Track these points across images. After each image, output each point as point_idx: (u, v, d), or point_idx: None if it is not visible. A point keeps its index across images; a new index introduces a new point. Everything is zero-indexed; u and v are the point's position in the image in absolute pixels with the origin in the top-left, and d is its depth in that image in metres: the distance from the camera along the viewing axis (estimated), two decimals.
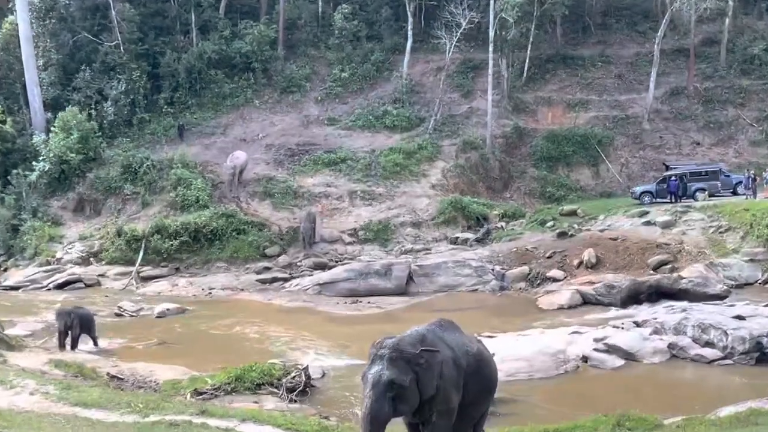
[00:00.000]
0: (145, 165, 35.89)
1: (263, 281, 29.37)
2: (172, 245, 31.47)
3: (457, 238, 32.42)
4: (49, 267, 31.73)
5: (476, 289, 27.20)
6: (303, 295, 27.25)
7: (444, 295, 26.81)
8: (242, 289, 28.60)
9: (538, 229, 31.53)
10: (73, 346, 19.09)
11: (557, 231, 29.91)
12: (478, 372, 7.49)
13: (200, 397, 14.93)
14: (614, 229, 29.45)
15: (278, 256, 31.18)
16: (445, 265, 28.14)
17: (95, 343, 19.85)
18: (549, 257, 27.86)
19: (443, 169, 36.94)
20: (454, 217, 33.62)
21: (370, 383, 6.73)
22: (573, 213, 32.68)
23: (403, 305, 25.77)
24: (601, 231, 29.39)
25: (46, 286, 29.95)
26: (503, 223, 33.38)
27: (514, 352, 17.10)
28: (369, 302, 25.78)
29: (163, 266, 31.38)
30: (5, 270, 33.33)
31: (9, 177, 36.98)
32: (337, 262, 30.30)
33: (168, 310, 24.85)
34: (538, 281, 26.95)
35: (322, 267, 29.82)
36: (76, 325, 19.16)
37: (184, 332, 22.40)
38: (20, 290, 29.63)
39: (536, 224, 32.30)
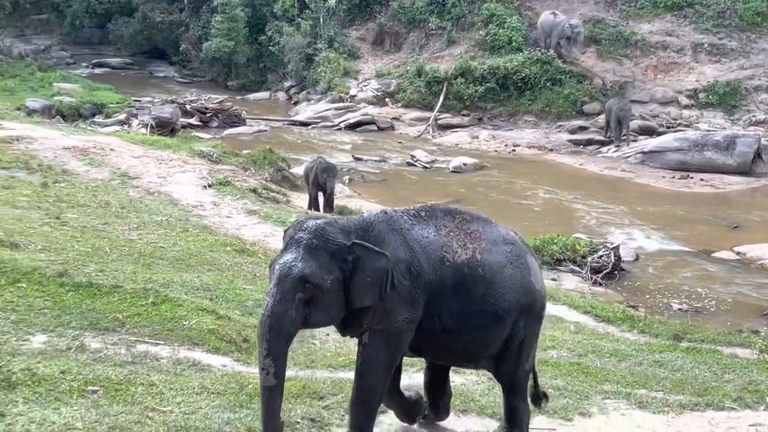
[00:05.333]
0: None
1: (576, 142, 29.26)
2: (476, 91, 31.95)
3: None
4: (341, 104, 33.44)
5: None
6: (622, 163, 26.88)
7: None
8: (551, 149, 28.70)
9: None
10: (331, 208, 18.22)
11: None
12: (463, 290, 5.90)
13: None
14: None
15: (597, 114, 30.69)
16: None
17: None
18: None
19: None
20: None
21: (276, 276, 5.41)
22: None
23: (745, 187, 24.69)
24: None
25: (337, 125, 31.72)
26: None
27: None
28: (701, 179, 24.92)
29: (463, 115, 32.05)
30: (296, 103, 35.73)
31: (307, 0, 39.00)
32: (668, 127, 29.36)
33: (465, 165, 25.58)
34: None
35: (650, 132, 29.06)
36: (332, 182, 18.46)
37: (481, 192, 23.08)
38: (310, 127, 31.66)
39: None
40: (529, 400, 6.61)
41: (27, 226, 12.41)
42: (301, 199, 19.73)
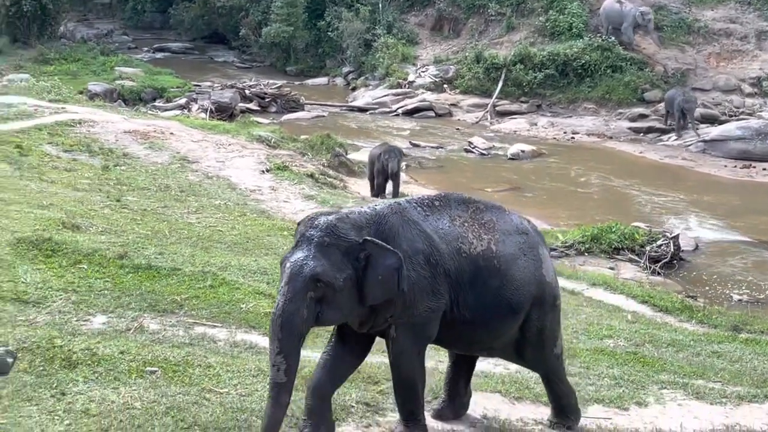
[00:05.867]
0: None
1: (636, 130, 28.88)
2: (535, 78, 31.69)
3: None
4: (399, 90, 33.34)
5: None
6: (682, 151, 26.50)
7: None
8: (610, 137, 28.41)
9: None
10: (396, 192, 18.02)
11: None
12: (479, 282, 5.85)
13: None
14: None
15: (658, 102, 30.26)
16: None
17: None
18: None
19: None
20: None
21: (287, 275, 5.33)
22: None
23: None
24: None
25: (395, 111, 31.63)
26: None
27: None
28: (764, 168, 24.45)
29: (522, 101, 31.81)
30: (354, 89, 35.76)
31: None
32: (730, 116, 28.90)
33: (522, 152, 25.45)
34: None
35: (712, 120, 28.61)
36: (394, 163, 18.34)
37: (539, 179, 22.97)
38: (367, 112, 31.66)
39: None
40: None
41: (88, 208, 12.64)
42: (358, 185, 19.79)
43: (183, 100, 29.18)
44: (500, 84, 31.87)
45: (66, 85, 26.54)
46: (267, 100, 30.81)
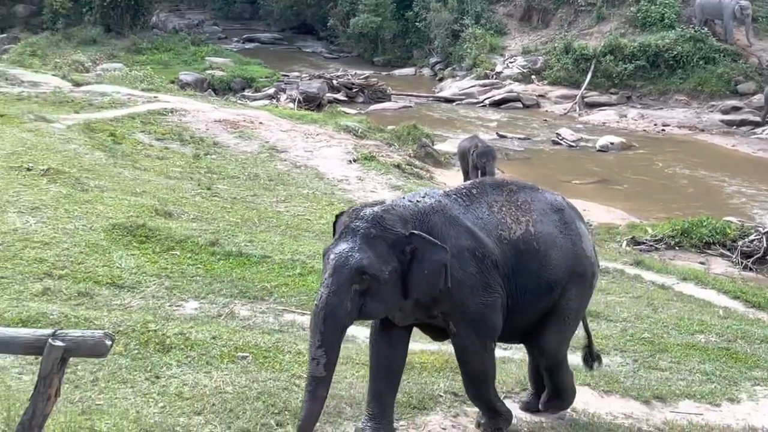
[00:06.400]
0: None
1: (729, 123, 28.27)
2: (625, 69, 31.22)
3: None
4: (486, 81, 33.13)
5: None
6: None
7: None
8: (702, 130, 27.87)
9: None
10: None
11: None
12: (520, 267, 5.78)
13: (637, 247, 15.29)
14: None
15: (752, 94, 29.60)
16: None
17: None
18: None
19: None
20: None
21: (332, 266, 5.20)
22: None
23: None
24: None
25: (482, 101, 31.44)
26: None
27: None
28: None
29: (611, 93, 31.36)
30: (441, 80, 35.68)
31: None
32: None
33: (611, 144, 25.12)
34: None
35: None
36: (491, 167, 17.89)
37: (628, 171, 22.63)
38: (454, 103, 31.55)
39: None
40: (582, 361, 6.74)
41: (180, 196, 12.89)
42: (444, 176, 19.76)
43: (271, 90, 29.46)
44: (589, 75, 31.47)
45: (158, 74, 27.02)
46: (354, 90, 30.91)
